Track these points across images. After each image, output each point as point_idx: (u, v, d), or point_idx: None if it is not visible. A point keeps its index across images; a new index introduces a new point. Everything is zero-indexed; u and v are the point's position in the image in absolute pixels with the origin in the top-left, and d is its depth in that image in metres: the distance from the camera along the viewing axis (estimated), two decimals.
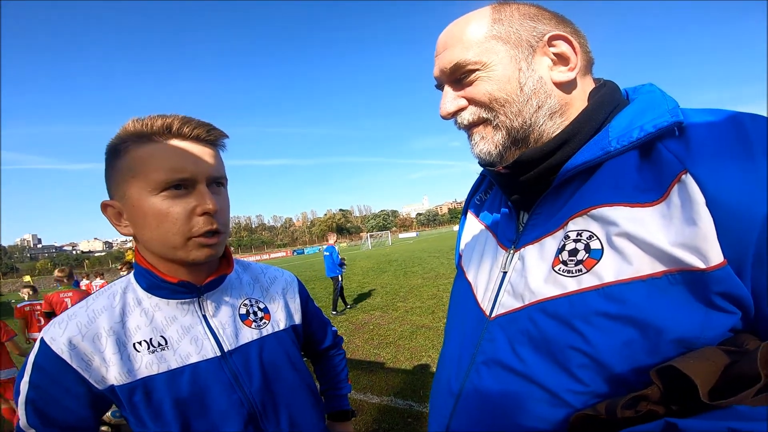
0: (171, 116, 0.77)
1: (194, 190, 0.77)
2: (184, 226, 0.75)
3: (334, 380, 1.24)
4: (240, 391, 0.83)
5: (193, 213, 0.76)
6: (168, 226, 0.75)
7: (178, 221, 0.75)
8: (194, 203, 0.76)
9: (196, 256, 0.78)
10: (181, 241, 0.76)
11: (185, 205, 0.75)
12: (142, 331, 0.80)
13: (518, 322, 0.61)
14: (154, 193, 0.74)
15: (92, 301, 0.82)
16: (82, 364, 0.74)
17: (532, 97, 0.62)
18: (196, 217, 0.76)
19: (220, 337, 0.85)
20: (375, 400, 3.71)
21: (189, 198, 0.76)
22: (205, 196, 0.77)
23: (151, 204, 0.74)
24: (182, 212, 0.75)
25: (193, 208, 0.76)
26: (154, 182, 0.74)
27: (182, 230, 0.75)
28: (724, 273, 0.47)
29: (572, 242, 0.58)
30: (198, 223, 0.76)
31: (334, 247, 8.68)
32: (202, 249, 0.78)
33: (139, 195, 0.75)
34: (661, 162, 0.53)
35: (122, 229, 0.79)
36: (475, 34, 0.63)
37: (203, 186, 0.78)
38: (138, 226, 0.77)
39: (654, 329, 0.50)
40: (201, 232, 0.76)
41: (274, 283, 1.04)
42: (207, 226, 0.77)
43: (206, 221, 0.77)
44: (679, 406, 0.43)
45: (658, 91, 0.61)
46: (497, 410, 0.60)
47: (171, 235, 0.75)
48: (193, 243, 0.77)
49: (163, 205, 0.74)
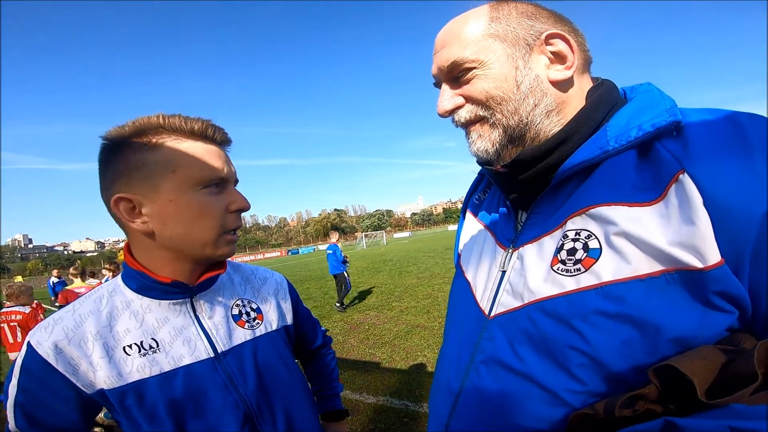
0: (202, 120, 0.80)
1: (225, 189, 0.82)
2: (221, 221, 0.80)
3: (327, 380, 1.24)
4: (235, 393, 0.83)
5: (227, 210, 0.81)
6: (207, 221, 0.78)
7: (217, 217, 0.79)
8: (227, 201, 0.81)
9: (223, 252, 0.82)
10: (215, 236, 0.80)
11: (222, 202, 0.80)
12: (132, 334, 0.78)
13: (517, 321, 0.61)
14: (197, 188, 0.77)
15: (79, 305, 0.80)
16: (69, 369, 0.73)
17: (529, 95, 0.62)
18: (228, 214, 0.81)
19: (214, 338, 0.84)
20: (371, 400, 3.70)
21: (222, 196, 0.81)
22: (239, 195, 0.83)
23: (191, 198, 0.76)
24: (220, 208, 0.80)
25: (227, 206, 0.81)
26: (197, 179, 0.76)
27: (218, 225, 0.79)
28: (721, 272, 0.47)
29: (571, 241, 0.58)
30: (230, 219, 0.82)
31: (338, 245, 8.78)
32: (228, 246, 0.83)
33: (178, 190, 0.75)
34: (659, 161, 0.53)
35: (137, 225, 0.75)
36: (473, 32, 0.63)
37: (232, 186, 0.84)
38: (165, 222, 0.75)
39: (652, 328, 0.50)
40: (233, 227, 0.82)
41: (266, 284, 1.04)
42: (237, 222, 0.84)
43: (237, 218, 0.83)
44: (677, 404, 0.44)
45: (656, 91, 0.62)
46: (496, 409, 0.60)
47: (207, 230, 0.78)
48: (224, 239, 0.81)
49: (203, 201, 0.77)
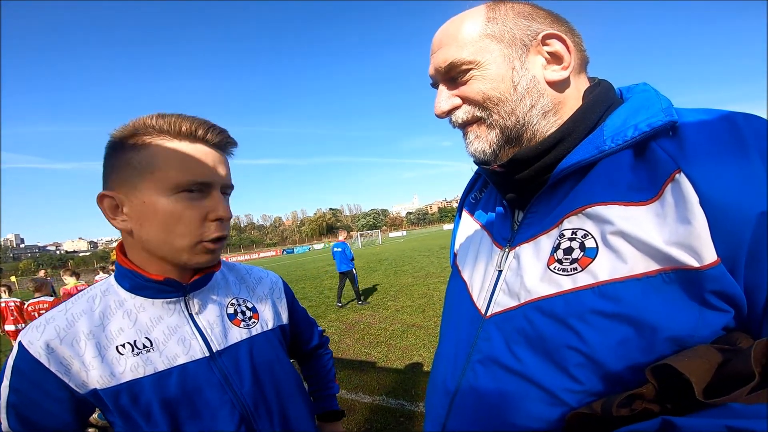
0: (195, 119, 0.77)
1: (208, 196, 0.78)
2: (197, 230, 0.76)
3: (323, 380, 1.23)
4: (231, 392, 0.82)
5: (205, 218, 0.77)
6: (180, 228, 0.75)
7: (191, 224, 0.75)
8: (207, 208, 0.77)
9: (198, 261, 0.79)
10: (189, 244, 0.76)
11: (200, 210, 0.76)
12: (126, 333, 0.77)
13: (514, 320, 0.61)
14: (171, 193, 0.74)
15: (71, 304, 0.79)
16: (61, 368, 0.72)
17: (526, 96, 0.62)
18: (208, 223, 0.77)
19: (209, 337, 0.84)
20: (366, 400, 3.70)
21: (203, 202, 0.77)
22: (220, 203, 0.78)
23: (165, 203, 0.74)
24: (197, 216, 0.76)
25: (206, 213, 0.77)
26: (173, 182, 0.73)
27: (194, 234, 0.76)
28: (717, 271, 0.47)
29: (567, 241, 0.58)
30: (210, 228, 0.77)
31: (346, 243, 8.85)
32: (207, 254, 0.79)
33: (153, 192, 0.74)
34: (655, 161, 0.53)
35: (117, 223, 0.77)
36: (470, 33, 0.63)
37: (217, 192, 0.79)
38: (142, 223, 0.75)
39: (649, 327, 0.50)
40: (211, 237, 0.77)
41: (261, 283, 1.03)
42: (218, 233, 0.78)
43: (217, 227, 0.78)
44: (674, 404, 0.44)
45: (652, 91, 0.62)
46: (493, 409, 0.60)
47: (181, 237, 0.75)
48: (201, 247, 0.78)
49: (177, 207, 0.74)
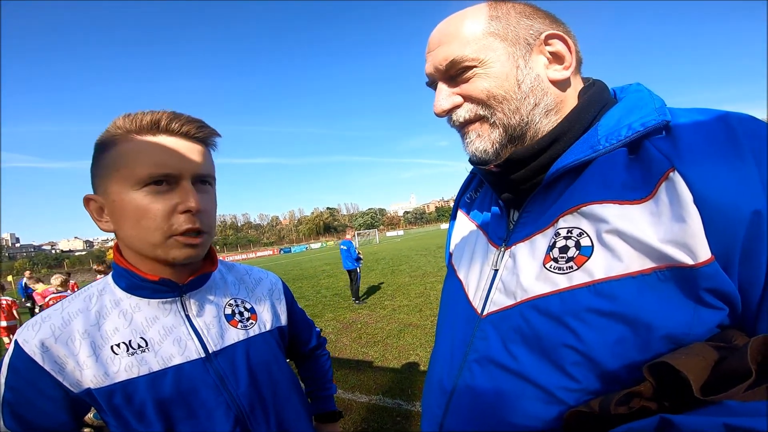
0: (160, 112, 0.75)
1: (178, 187, 0.75)
2: (164, 223, 0.73)
3: (320, 381, 1.23)
4: (226, 393, 0.82)
5: (174, 210, 0.74)
6: (147, 223, 0.73)
7: (157, 218, 0.73)
8: (176, 200, 0.74)
9: (175, 256, 0.76)
10: (160, 238, 0.74)
11: (167, 202, 0.73)
12: (121, 333, 0.77)
13: (510, 319, 0.61)
14: (136, 188, 0.72)
15: (68, 303, 0.79)
16: (56, 367, 0.72)
17: (530, 94, 0.62)
18: (177, 215, 0.74)
19: (205, 337, 0.83)
20: (363, 399, 3.70)
21: (171, 195, 0.74)
22: (189, 194, 0.74)
23: (131, 199, 0.72)
24: (163, 209, 0.73)
25: (174, 206, 0.74)
26: (136, 177, 0.72)
27: (162, 227, 0.73)
28: (712, 269, 0.47)
29: (563, 239, 0.58)
30: (178, 221, 0.74)
31: (352, 242, 8.92)
32: (184, 249, 0.76)
33: (120, 190, 0.73)
34: (649, 160, 0.54)
35: (103, 225, 0.78)
36: (472, 30, 0.62)
37: (187, 183, 0.75)
38: (118, 222, 0.75)
39: (644, 326, 0.50)
40: (181, 230, 0.74)
41: (260, 284, 1.03)
42: (187, 225, 0.74)
43: (187, 219, 0.74)
44: (671, 401, 0.44)
45: (646, 91, 0.62)
46: (490, 408, 0.60)
47: (150, 232, 0.73)
48: (174, 242, 0.75)
49: (143, 201, 0.72)
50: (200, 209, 0.75)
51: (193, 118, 0.79)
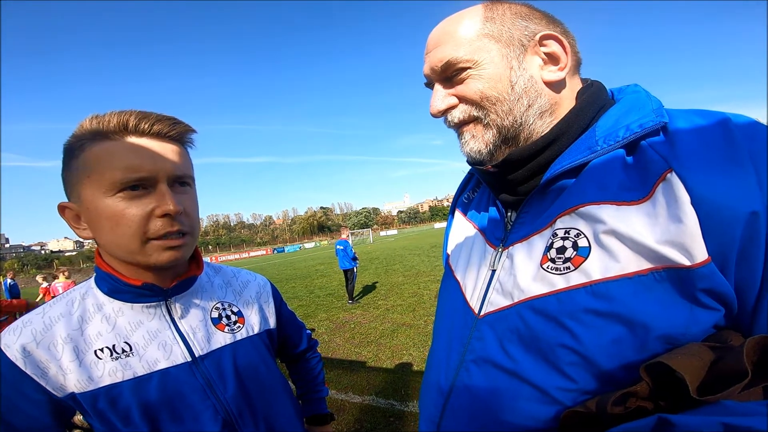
0: (128, 112, 0.72)
1: (154, 191, 0.72)
2: (141, 228, 0.71)
3: (311, 384, 1.22)
4: (214, 397, 0.81)
5: (151, 215, 0.71)
6: (123, 229, 0.70)
7: (134, 224, 0.70)
8: (153, 204, 0.71)
9: (157, 260, 0.74)
10: (137, 244, 0.72)
11: (143, 207, 0.71)
12: (104, 337, 0.76)
13: (507, 320, 0.61)
14: (110, 194, 0.70)
15: (49, 307, 0.78)
16: (38, 372, 0.71)
17: (523, 95, 0.62)
18: (154, 219, 0.72)
19: (191, 341, 0.82)
20: (356, 400, 3.69)
21: (148, 199, 0.72)
22: (165, 197, 0.72)
23: (105, 206, 0.70)
24: (139, 214, 0.70)
25: (152, 210, 0.71)
26: (109, 183, 0.69)
27: (139, 233, 0.71)
28: (708, 270, 0.48)
29: (560, 240, 0.58)
30: (156, 225, 0.72)
31: (348, 241, 8.91)
32: (165, 252, 0.74)
33: (93, 196, 0.70)
34: (646, 161, 0.54)
35: (81, 233, 0.76)
36: (467, 32, 0.62)
37: (164, 185, 0.73)
38: (95, 229, 0.74)
39: (641, 326, 0.50)
40: (160, 234, 0.72)
41: (247, 287, 1.02)
42: (166, 228, 0.72)
43: (166, 223, 0.72)
44: (667, 401, 0.44)
45: (643, 92, 0.63)
46: (488, 408, 0.60)
47: (127, 239, 0.71)
48: (153, 246, 0.73)
49: (118, 207, 0.70)
50: (179, 211, 0.73)
51: (165, 116, 0.76)
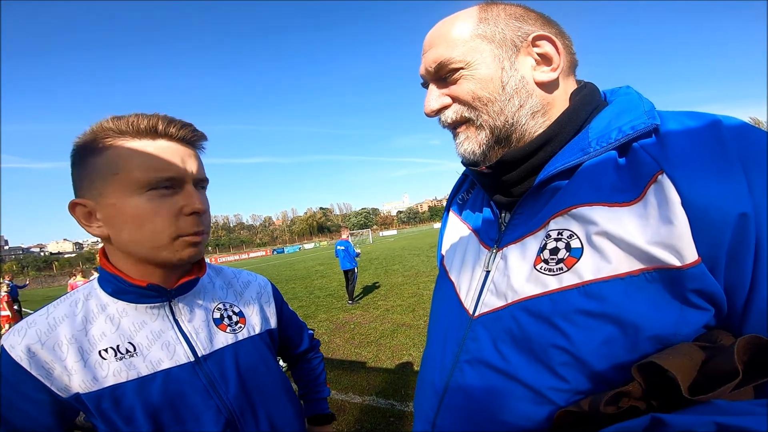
0: (155, 116, 0.76)
1: (181, 191, 0.77)
2: (172, 225, 0.75)
3: (313, 384, 1.22)
4: (216, 397, 0.81)
5: (180, 213, 0.76)
6: (154, 226, 0.74)
7: (166, 220, 0.74)
8: (182, 203, 0.76)
9: (182, 256, 0.78)
10: (167, 240, 0.75)
11: (173, 205, 0.75)
12: (108, 338, 0.77)
13: (501, 320, 0.61)
14: (140, 192, 0.73)
15: (53, 308, 0.79)
16: (43, 372, 0.72)
17: (514, 96, 0.62)
18: (183, 217, 0.76)
19: (194, 342, 0.83)
20: (357, 400, 3.70)
21: (176, 198, 0.76)
22: (194, 196, 0.77)
23: (133, 203, 0.73)
24: (170, 212, 0.75)
25: (180, 208, 0.76)
26: (139, 181, 0.72)
27: (169, 230, 0.75)
28: (698, 271, 0.48)
29: (553, 241, 0.59)
30: (186, 222, 0.76)
31: (348, 241, 8.93)
32: (189, 248, 0.78)
33: (121, 194, 0.73)
34: (638, 163, 0.54)
35: (93, 230, 0.77)
36: (461, 33, 0.63)
37: (190, 186, 0.78)
38: (115, 227, 0.75)
39: (632, 326, 0.51)
40: (189, 231, 0.77)
41: (248, 287, 1.03)
42: (194, 227, 0.77)
43: (193, 221, 0.77)
44: (659, 401, 0.44)
45: (635, 93, 0.63)
46: (482, 408, 0.61)
47: (157, 235, 0.74)
48: (181, 242, 0.77)
49: (148, 205, 0.73)
50: (206, 210, 0.79)
51: (186, 122, 0.80)
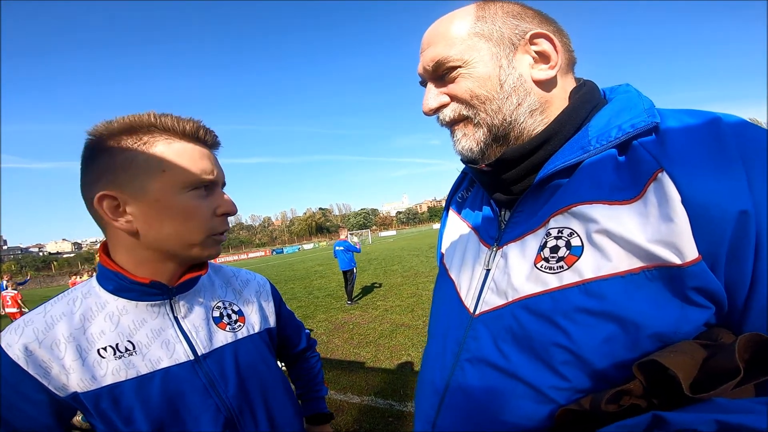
0: (194, 121, 0.80)
1: (214, 192, 0.82)
2: (208, 223, 0.80)
3: (311, 383, 1.23)
4: (216, 396, 0.81)
5: (214, 213, 0.81)
6: (195, 223, 0.78)
7: (205, 219, 0.80)
8: (215, 204, 0.82)
9: (210, 253, 0.83)
10: (202, 237, 0.80)
11: (209, 205, 0.81)
12: (107, 336, 0.76)
13: (502, 319, 0.61)
14: (185, 190, 0.77)
15: (50, 306, 0.78)
16: (40, 371, 0.71)
17: (512, 94, 0.62)
18: (216, 217, 0.82)
19: (194, 340, 0.83)
20: (355, 400, 3.69)
21: (210, 199, 0.81)
22: (227, 199, 0.84)
23: (180, 200, 0.76)
24: (208, 211, 0.80)
25: (214, 209, 0.81)
26: (186, 181, 0.76)
27: (206, 228, 0.80)
28: (698, 268, 0.48)
29: (554, 239, 0.59)
30: (219, 221, 0.83)
31: (347, 241, 8.93)
32: (216, 247, 0.84)
33: (167, 190, 0.75)
34: (638, 161, 0.54)
35: (121, 224, 0.74)
36: (459, 31, 0.63)
37: (221, 189, 0.85)
38: (153, 222, 0.75)
39: (633, 324, 0.51)
40: (220, 230, 0.83)
41: (247, 286, 1.03)
42: (225, 226, 0.84)
43: (224, 222, 0.84)
44: (660, 399, 0.44)
45: (634, 91, 0.63)
46: (483, 407, 0.60)
47: (195, 231, 0.79)
48: (211, 240, 0.82)
49: (191, 203, 0.77)
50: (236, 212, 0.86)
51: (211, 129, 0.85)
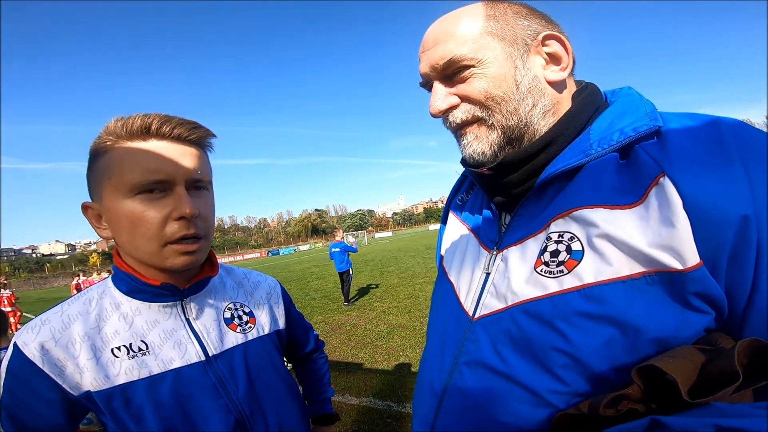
0: (151, 115, 0.73)
1: (172, 193, 0.73)
2: (159, 231, 0.72)
3: (317, 384, 1.23)
4: (226, 397, 0.82)
5: (168, 217, 0.72)
6: (142, 231, 0.72)
7: (152, 226, 0.72)
8: (170, 207, 0.73)
9: (172, 264, 0.75)
10: (155, 247, 0.73)
11: (161, 209, 0.72)
12: (121, 336, 0.77)
13: (501, 322, 0.61)
14: (130, 195, 0.71)
15: (67, 306, 0.78)
16: (55, 370, 0.71)
17: (528, 95, 0.61)
18: (171, 222, 0.73)
19: (205, 341, 0.83)
20: (354, 402, 3.69)
21: (166, 201, 0.73)
22: (182, 200, 0.73)
23: (125, 207, 0.72)
24: (157, 216, 0.72)
25: (169, 213, 0.72)
26: (129, 184, 0.71)
27: (157, 236, 0.72)
28: (700, 274, 0.48)
29: (554, 243, 0.59)
30: (173, 228, 0.73)
31: (343, 242, 8.93)
32: (180, 257, 0.75)
33: (114, 197, 0.72)
34: (639, 165, 0.54)
35: (102, 232, 0.77)
36: (470, 29, 0.61)
37: (181, 188, 0.74)
38: (115, 230, 0.75)
39: (633, 329, 0.51)
40: (176, 237, 0.73)
41: (258, 287, 1.03)
42: (182, 231, 0.73)
43: (182, 226, 0.73)
44: (659, 404, 0.44)
45: (636, 95, 0.63)
46: (480, 410, 0.60)
47: (146, 241, 0.73)
48: (170, 250, 0.74)
49: (137, 209, 0.71)
50: (195, 214, 0.74)
51: (186, 120, 0.77)
